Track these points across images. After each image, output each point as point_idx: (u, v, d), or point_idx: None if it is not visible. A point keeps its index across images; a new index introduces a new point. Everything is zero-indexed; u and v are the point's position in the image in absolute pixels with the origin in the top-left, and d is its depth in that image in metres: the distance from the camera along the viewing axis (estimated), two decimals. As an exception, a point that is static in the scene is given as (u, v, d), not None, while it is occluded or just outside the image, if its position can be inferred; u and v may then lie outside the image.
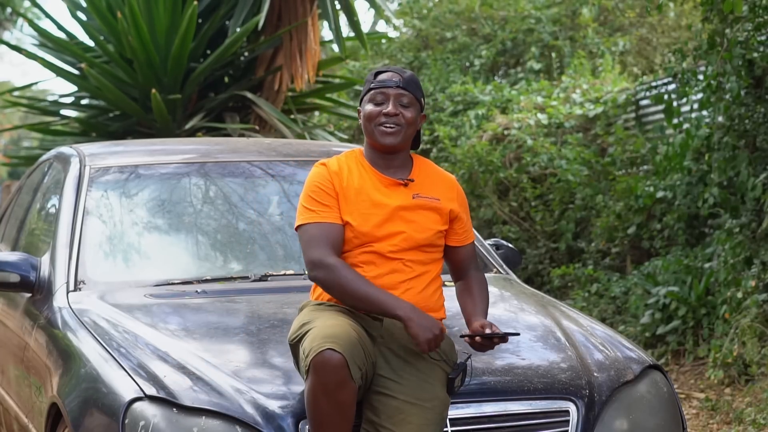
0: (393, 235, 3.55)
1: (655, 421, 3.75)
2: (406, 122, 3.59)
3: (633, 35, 13.07)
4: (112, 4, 9.24)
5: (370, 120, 3.60)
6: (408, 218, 3.57)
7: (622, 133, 9.86)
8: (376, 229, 3.55)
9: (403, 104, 3.60)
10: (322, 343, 3.27)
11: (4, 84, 31.41)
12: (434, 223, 3.61)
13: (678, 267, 8.02)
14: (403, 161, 3.66)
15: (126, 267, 4.48)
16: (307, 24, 9.30)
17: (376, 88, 3.62)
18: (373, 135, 3.60)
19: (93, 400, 3.58)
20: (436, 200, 3.62)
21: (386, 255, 3.53)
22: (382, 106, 3.59)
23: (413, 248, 3.56)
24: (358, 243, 3.55)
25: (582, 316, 4.24)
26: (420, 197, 3.61)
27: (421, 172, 3.67)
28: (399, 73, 3.64)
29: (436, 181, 3.67)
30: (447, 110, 11.85)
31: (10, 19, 25.29)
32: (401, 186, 3.61)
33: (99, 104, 9.84)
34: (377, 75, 3.66)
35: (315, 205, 3.56)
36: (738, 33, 7.20)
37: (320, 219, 3.54)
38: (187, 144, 5.99)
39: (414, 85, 3.63)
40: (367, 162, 3.65)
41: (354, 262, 3.54)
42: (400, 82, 3.61)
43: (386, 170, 3.64)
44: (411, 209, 3.58)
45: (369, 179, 3.61)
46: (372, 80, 3.65)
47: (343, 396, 3.27)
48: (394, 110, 3.58)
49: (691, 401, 6.93)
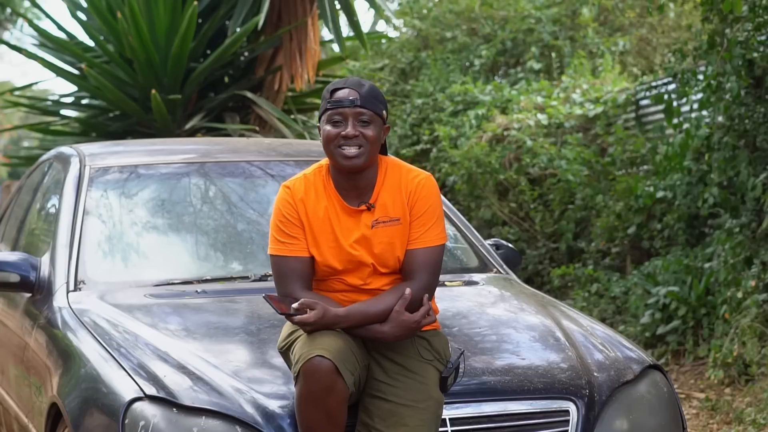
0: (360, 268, 3.48)
1: (655, 421, 3.75)
2: (369, 141, 3.43)
3: (633, 35, 13.06)
4: (112, 4, 9.23)
5: (329, 142, 3.43)
6: (371, 248, 3.47)
7: (622, 133, 9.86)
8: (341, 265, 3.48)
9: (363, 122, 3.44)
10: (311, 350, 3.26)
11: (4, 84, 31.40)
12: (398, 247, 3.49)
13: (678, 267, 8.02)
14: (370, 179, 3.51)
15: (126, 267, 4.48)
16: (306, 24, 9.29)
17: (333, 108, 3.44)
18: (335, 158, 3.45)
19: (93, 400, 3.58)
20: (396, 221, 3.48)
21: (359, 287, 3.49)
22: (341, 127, 3.42)
23: (385, 275, 3.50)
24: (329, 274, 3.51)
25: (582, 316, 4.24)
26: (378, 224, 3.47)
27: (385, 187, 3.51)
28: (356, 89, 3.43)
29: (398, 193, 3.51)
30: (447, 110, 11.85)
31: (10, 19, 25.30)
32: (364, 211, 3.49)
33: (99, 104, 9.83)
34: (333, 92, 3.45)
35: (282, 236, 3.49)
36: (738, 33, 7.20)
37: (288, 252, 3.47)
38: (187, 144, 5.99)
39: (373, 100, 3.44)
40: (332, 184, 3.51)
41: (331, 288, 3.51)
42: (357, 100, 3.41)
43: (351, 192, 3.50)
44: (371, 238, 3.48)
45: (332, 208, 3.50)
46: (328, 98, 3.45)
47: (333, 402, 3.27)
48: (353, 132, 3.41)
49: (691, 401, 6.93)
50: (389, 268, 3.50)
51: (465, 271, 4.69)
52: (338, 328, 3.37)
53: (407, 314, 3.38)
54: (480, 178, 10.49)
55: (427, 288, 3.47)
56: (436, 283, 3.53)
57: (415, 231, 3.50)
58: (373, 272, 3.49)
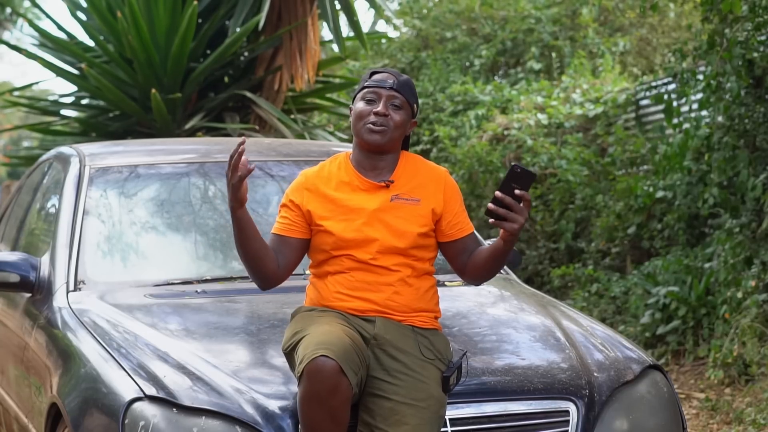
0: (368, 242, 3.51)
1: (655, 421, 3.75)
2: (395, 124, 3.55)
3: (633, 35, 13.07)
4: (112, 4, 9.24)
5: (360, 118, 3.56)
6: (386, 221, 3.52)
7: (622, 133, 9.86)
8: (351, 236, 3.51)
9: (395, 106, 3.56)
10: (315, 350, 3.26)
11: (4, 84, 31.43)
12: (414, 225, 3.54)
13: (678, 267, 8.02)
14: (390, 163, 3.60)
15: (126, 267, 4.48)
16: (307, 24, 9.30)
17: (370, 87, 3.59)
18: (360, 133, 3.56)
19: (93, 400, 3.58)
20: (416, 201, 3.56)
21: (367, 262, 3.51)
22: (373, 105, 3.56)
23: (394, 253, 3.52)
24: (337, 249, 3.53)
25: (582, 316, 4.24)
26: (398, 199, 3.56)
27: (406, 171, 3.61)
28: (394, 76, 3.60)
29: (421, 180, 3.61)
30: (447, 110, 11.85)
31: (10, 19, 25.31)
32: (382, 188, 3.57)
33: (99, 104, 9.84)
34: (373, 74, 3.64)
35: (280, 216, 3.61)
36: (738, 33, 7.20)
37: (276, 230, 3.59)
38: (186, 144, 5.99)
39: (408, 90, 3.59)
40: (352, 164, 3.61)
41: (338, 269, 3.53)
42: (394, 84, 3.57)
43: (370, 172, 3.59)
44: (388, 211, 3.53)
45: (348, 182, 3.57)
46: (367, 79, 3.63)
47: (337, 402, 3.26)
48: (384, 110, 3.54)
49: (691, 401, 6.93)
50: (402, 243, 3.52)
51: (465, 271, 4.68)
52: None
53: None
54: (480, 177, 10.50)
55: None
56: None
57: (459, 221, 3.61)
58: (382, 247, 3.51)
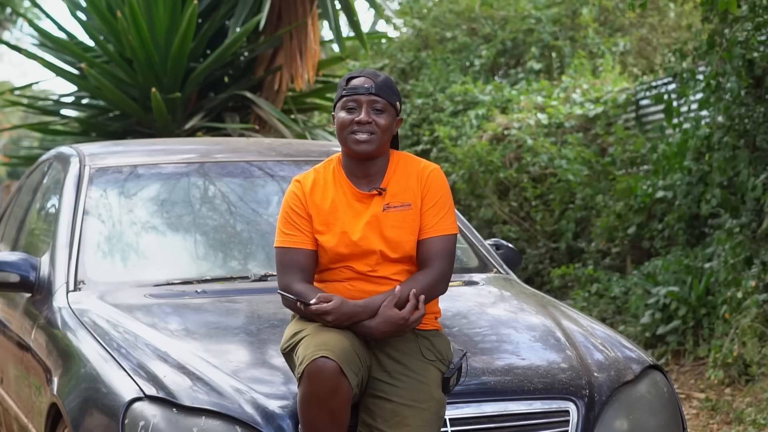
0: (366, 255, 3.49)
1: (655, 421, 3.75)
2: (380, 129, 3.49)
3: (633, 35, 13.07)
4: (112, 4, 9.23)
5: (343, 128, 3.50)
6: (382, 233, 3.49)
7: (622, 133, 9.87)
8: (348, 252, 3.49)
9: (377, 110, 3.50)
10: (315, 351, 3.25)
11: (4, 84, 31.40)
12: (409, 233, 3.51)
13: (678, 267, 8.02)
14: (381, 167, 3.56)
15: (126, 267, 4.48)
16: (307, 24, 9.29)
17: (348, 95, 3.51)
18: (347, 143, 3.50)
19: (93, 400, 3.58)
20: (407, 206, 3.52)
21: (366, 273, 3.50)
22: (354, 114, 3.49)
23: (392, 263, 3.51)
24: (335, 263, 3.52)
25: (582, 316, 4.24)
26: (390, 208, 3.52)
27: (396, 174, 3.56)
28: (371, 78, 3.52)
29: (409, 181, 3.56)
30: (447, 110, 11.85)
31: (10, 19, 25.30)
32: (375, 196, 3.53)
33: (99, 104, 9.84)
34: (349, 80, 3.54)
35: (288, 228, 3.52)
36: (738, 33, 7.20)
37: (291, 244, 3.50)
38: (186, 144, 5.99)
39: (387, 90, 3.52)
40: (343, 172, 3.56)
41: (338, 278, 3.52)
42: (372, 88, 3.49)
43: (362, 179, 3.54)
44: (383, 221, 3.50)
45: (343, 194, 3.54)
46: (344, 86, 3.54)
47: (337, 404, 3.26)
48: (366, 118, 3.47)
49: (691, 401, 6.93)
50: (399, 254, 3.50)
51: (465, 271, 4.69)
52: (357, 319, 3.37)
53: (395, 310, 3.39)
54: (481, 177, 10.50)
55: (443, 276, 3.49)
56: (451, 272, 3.54)
57: (429, 220, 3.53)
58: (381, 259, 3.50)
